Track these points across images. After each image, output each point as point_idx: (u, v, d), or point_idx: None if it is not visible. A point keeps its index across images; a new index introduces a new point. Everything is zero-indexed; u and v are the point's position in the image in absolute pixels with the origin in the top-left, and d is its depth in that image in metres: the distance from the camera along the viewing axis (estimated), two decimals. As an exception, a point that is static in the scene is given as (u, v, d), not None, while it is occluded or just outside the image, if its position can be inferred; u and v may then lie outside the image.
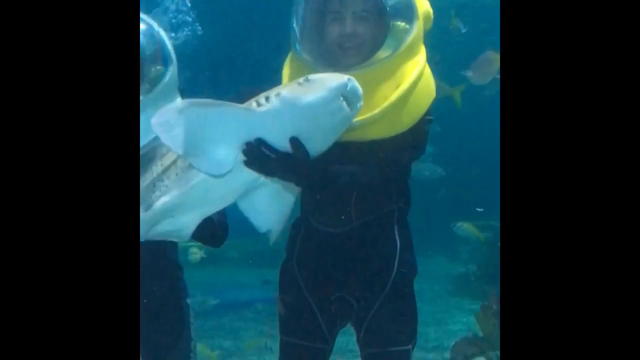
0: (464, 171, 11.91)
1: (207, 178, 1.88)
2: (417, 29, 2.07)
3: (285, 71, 2.18)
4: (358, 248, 2.20)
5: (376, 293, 2.21)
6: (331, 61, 2.08)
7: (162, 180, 1.99)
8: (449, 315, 7.75)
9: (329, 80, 1.79)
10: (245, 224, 2.07)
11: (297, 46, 2.13)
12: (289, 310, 2.30)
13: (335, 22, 2.10)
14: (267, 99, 1.80)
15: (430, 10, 2.13)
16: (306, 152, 1.81)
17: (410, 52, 2.06)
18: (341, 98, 1.78)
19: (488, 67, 5.23)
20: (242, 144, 1.81)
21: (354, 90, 1.79)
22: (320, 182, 1.97)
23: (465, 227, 7.58)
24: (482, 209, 8.79)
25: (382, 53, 2.05)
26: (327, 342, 2.28)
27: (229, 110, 1.79)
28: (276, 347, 2.35)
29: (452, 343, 5.27)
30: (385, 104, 1.99)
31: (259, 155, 1.81)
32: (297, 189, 2.05)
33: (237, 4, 11.03)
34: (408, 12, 2.06)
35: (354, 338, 2.28)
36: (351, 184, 2.04)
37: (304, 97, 1.76)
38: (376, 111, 1.98)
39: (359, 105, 1.84)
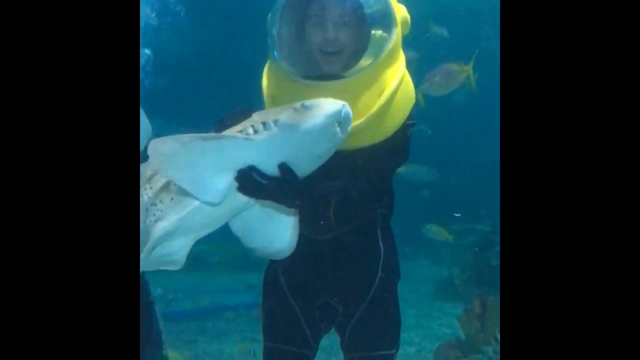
0: (447, 173, 11.95)
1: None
2: (396, 35, 2.07)
3: (265, 81, 2.16)
4: (342, 254, 2.21)
5: (360, 298, 2.22)
6: (312, 68, 2.08)
7: (156, 205, 1.93)
8: (432, 318, 7.76)
9: (326, 107, 1.79)
10: (227, 228, 2.06)
11: (276, 53, 2.10)
12: (273, 316, 2.30)
13: (317, 27, 2.08)
14: (264, 124, 1.80)
15: (408, 17, 2.13)
16: (295, 176, 1.81)
17: (391, 59, 2.06)
18: (336, 124, 1.79)
19: (445, 78, 5.28)
20: (236, 171, 1.81)
21: (347, 116, 1.81)
22: (312, 202, 1.96)
23: (435, 230, 7.65)
24: (459, 214, 8.80)
25: (363, 61, 2.05)
26: (311, 348, 2.28)
27: (230, 142, 1.78)
28: (260, 352, 2.35)
29: (435, 346, 5.29)
30: (370, 112, 1.99)
31: (251, 182, 1.80)
32: (291, 211, 2.03)
33: (218, 11, 11.04)
34: (387, 20, 2.06)
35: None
36: (343, 201, 2.05)
37: (303, 124, 1.76)
38: (361, 120, 1.98)
39: (349, 128, 1.85)
